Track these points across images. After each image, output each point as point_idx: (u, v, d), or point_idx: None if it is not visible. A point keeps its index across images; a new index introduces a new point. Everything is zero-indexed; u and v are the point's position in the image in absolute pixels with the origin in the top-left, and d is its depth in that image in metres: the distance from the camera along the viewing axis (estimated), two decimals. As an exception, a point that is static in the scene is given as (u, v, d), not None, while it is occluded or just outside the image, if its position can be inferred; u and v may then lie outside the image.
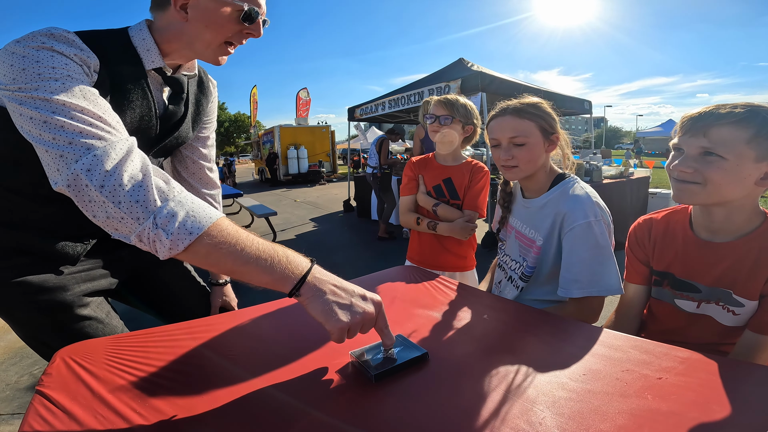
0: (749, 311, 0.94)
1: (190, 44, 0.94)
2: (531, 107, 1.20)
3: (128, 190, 0.67)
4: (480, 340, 0.89)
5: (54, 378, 0.77)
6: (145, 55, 0.93)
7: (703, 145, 0.89)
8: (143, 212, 0.67)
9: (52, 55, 0.74)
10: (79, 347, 0.88)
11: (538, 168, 1.23)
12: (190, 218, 0.68)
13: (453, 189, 1.71)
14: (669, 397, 0.65)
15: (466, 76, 5.06)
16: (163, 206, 0.68)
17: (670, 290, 1.05)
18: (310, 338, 0.91)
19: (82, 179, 0.67)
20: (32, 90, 0.70)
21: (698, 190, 0.92)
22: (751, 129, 0.84)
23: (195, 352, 0.87)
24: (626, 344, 0.82)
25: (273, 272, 0.68)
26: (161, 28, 0.93)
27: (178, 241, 0.66)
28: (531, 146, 1.18)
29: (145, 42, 0.93)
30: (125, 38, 0.92)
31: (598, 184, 4.47)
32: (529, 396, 0.67)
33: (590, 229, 1.10)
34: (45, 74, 0.72)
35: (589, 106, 7.13)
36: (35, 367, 2.58)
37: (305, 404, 0.68)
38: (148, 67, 0.94)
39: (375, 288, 1.23)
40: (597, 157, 6.14)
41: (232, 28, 0.91)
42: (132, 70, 0.92)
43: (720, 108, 0.88)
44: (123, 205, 0.66)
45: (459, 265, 1.77)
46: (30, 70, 0.72)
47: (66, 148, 0.68)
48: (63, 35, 0.78)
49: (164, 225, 0.66)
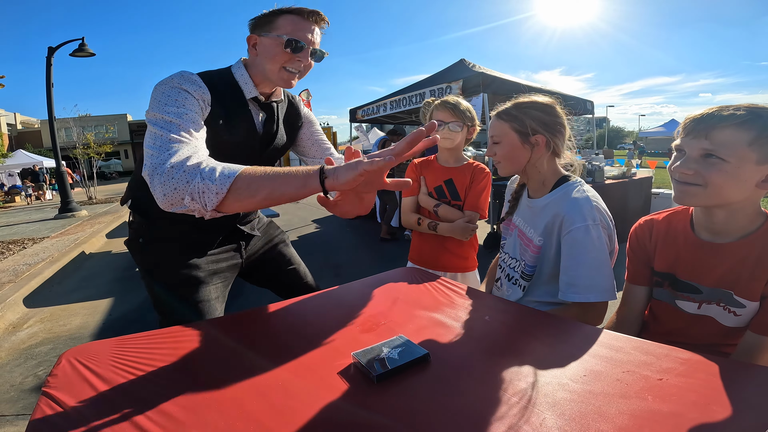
0: (750, 312, 0.94)
1: (263, 73, 1.19)
2: (513, 108, 1.25)
3: (181, 170, 0.87)
4: (481, 341, 0.89)
5: (60, 379, 0.78)
6: (245, 87, 1.21)
7: (704, 146, 0.89)
8: (191, 174, 0.85)
9: (179, 91, 1.04)
10: (84, 349, 0.89)
11: (528, 167, 1.25)
12: (226, 168, 0.85)
13: (454, 190, 1.72)
14: (669, 398, 0.65)
15: (467, 77, 5.07)
16: (205, 167, 0.86)
17: (671, 291, 1.05)
18: (313, 340, 0.92)
19: (153, 169, 0.89)
20: (154, 109, 0.99)
21: (699, 191, 0.92)
22: (753, 132, 0.84)
23: (199, 354, 0.88)
24: (627, 345, 0.82)
25: (298, 175, 0.81)
26: (250, 65, 1.21)
27: (221, 185, 0.83)
28: (504, 145, 1.25)
29: (243, 77, 1.21)
30: (230, 76, 1.21)
31: (600, 185, 4.46)
32: (530, 397, 0.67)
33: (588, 233, 1.10)
34: (169, 103, 1.01)
35: (591, 107, 7.12)
36: (40, 368, 2.59)
37: (308, 405, 0.68)
38: (248, 96, 1.21)
39: (377, 290, 1.23)
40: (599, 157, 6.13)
41: (282, 56, 1.14)
42: (237, 100, 1.20)
43: (723, 110, 0.88)
44: (175, 179, 0.86)
45: (461, 266, 1.78)
46: (162, 100, 1.01)
47: (152, 145, 0.93)
48: (189, 77, 1.08)
49: (209, 176, 0.84)
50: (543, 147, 1.22)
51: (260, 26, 1.17)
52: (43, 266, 4.81)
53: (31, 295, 4.02)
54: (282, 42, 1.12)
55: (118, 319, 3.36)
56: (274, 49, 1.14)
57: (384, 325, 0.98)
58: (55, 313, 3.59)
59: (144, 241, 1.28)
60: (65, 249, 5.68)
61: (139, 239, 1.29)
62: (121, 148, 38.62)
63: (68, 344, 2.92)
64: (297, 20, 1.14)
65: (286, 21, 1.14)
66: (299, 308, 1.13)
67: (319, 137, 1.48)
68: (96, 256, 5.72)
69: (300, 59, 1.16)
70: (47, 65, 9.05)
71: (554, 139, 1.22)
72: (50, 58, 9.04)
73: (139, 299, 3.77)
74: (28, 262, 5.06)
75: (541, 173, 1.25)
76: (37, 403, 0.70)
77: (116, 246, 6.20)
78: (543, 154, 1.23)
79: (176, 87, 1.04)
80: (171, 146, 0.92)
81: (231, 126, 1.18)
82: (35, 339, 3.06)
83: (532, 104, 1.23)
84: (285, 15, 1.14)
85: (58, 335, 3.10)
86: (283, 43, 1.13)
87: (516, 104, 1.25)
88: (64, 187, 9.36)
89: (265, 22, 1.16)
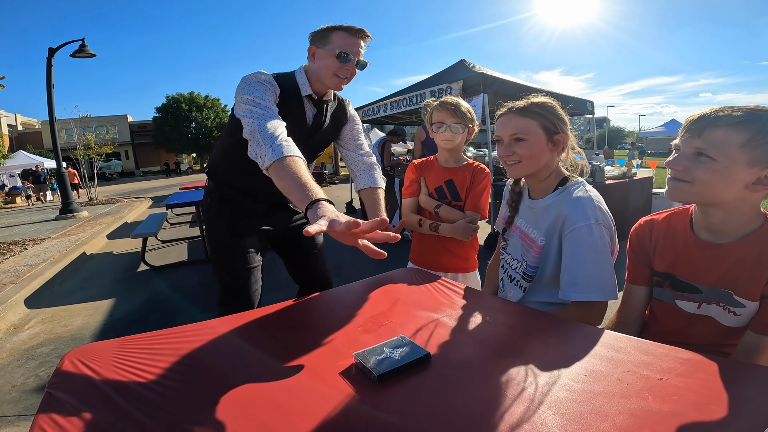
0: (750, 312, 0.94)
1: (319, 77, 1.47)
2: (535, 106, 1.20)
3: (266, 135, 1.21)
4: (482, 341, 0.89)
5: (63, 379, 0.78)
6: (302, 86, 1.50)
7: (696, 145, 0.90)
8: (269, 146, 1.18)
9: (262, 83, 1.36)
10: (86, 349, 0.90)
11: (541, 167, 1.23)
12: (281, 147, 1.17)
13: (455, 190, 1.72)
14: (669, 398, 0.65)
15: (467, 77, 5.06)
16: (277, 138, 1.20)
17: (671, 291, 1.06)
18: (314, 340, 0.92)
19: (252, 131, 1.25)
20: (244, 93, 1.33)
21: (687, 188, 0.93)
22: (747, 133, 0.85)
23: (201, 354, 0.88)
24: (627, 345, 0.82)
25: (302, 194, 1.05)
26: (309, 70, 1.51)
27: (270, 159, 1.16)
28: (531, 143, 1.19)
29: (302, 78, 1.50)
30: (293, 77, 1.51)
31: (600, 185, 4.46)
32: (531, 397, 0.67)
33: (590, 232, 1.11)
34: (254, 89, 1.34)
35: (591, 107, 7.11)
36: (41, 368, 2.59)
37: (310, 405, 0.69)
38: (303, 93, 1.50)
39: (378, 290, 1.23)
40: (600, 157, 6.13)
41: (334, 65, 1.43)
42: (294, 96, 1.49)
43: (721, 110, 0.89)
44: (262, 142, 1.20)
45: (461, 267, 1.78)
46: (248, 87, 1.34)
47: (246, 114, 1.29)
48: (266, 76, 1.40)
49: (275, 149, 1.17)
50: (561, 147, 1.22)
51: (318, 40, 1.45)
52: (44, 267, 4.82)
53: (32, 296, 4.03)
54: (335, 54, 1.41)
55: (119, 320, 3.36)
56: (328, 59, 1.42)
57: (385, 325, 0.98)
58: (57, 313, 3.59)
59: (210, 201, 1.63)
60: (66, 250, 5.69)
61: (207, 200, 1.66)
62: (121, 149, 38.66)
63: (69, 345, 2.92)
64: (346, 36, 1.42)
65: (338, 36, 1.42)
66: (300, 309, 1.14)
67: (357, 135, 1.75)
68: (97, 256, 5.73)
69: (347, 68, 1.45)
70: (48, 66, 9.07)
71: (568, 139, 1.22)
72: (51, 59, 9.05)
73: (140, 300, 3.78)
74: (29, 263, 5.07)
75: (550, 174, 1.25)
76: (41, 403, 0.71)
77: (117, 247, 6.20)
78: (556, 154, 1.23)
79: (259, 80, 1.37)
80: (259, 114, 1.28)
81: (287, 115, 1.40)
82: (36, 340, 3.06)
83: (547, 104, 1.22)
84: (337, 31, 1.42)
85: (59, 336, 3.11)
86: (335, 55, 1.41)
87: (533, 103, 1.22)
88: (65, 188, 9.38)
89: (322, 36, 1.44)
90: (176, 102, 38.36)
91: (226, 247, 1.57)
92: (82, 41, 9.05)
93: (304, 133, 1.54)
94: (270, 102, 1.35)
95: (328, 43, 1.42)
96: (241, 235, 1.57)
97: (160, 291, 4.00)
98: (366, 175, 1.72)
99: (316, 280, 1.80)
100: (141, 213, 10.32)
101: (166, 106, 38.46)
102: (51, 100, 9.16)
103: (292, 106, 1.48)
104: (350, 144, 1.75)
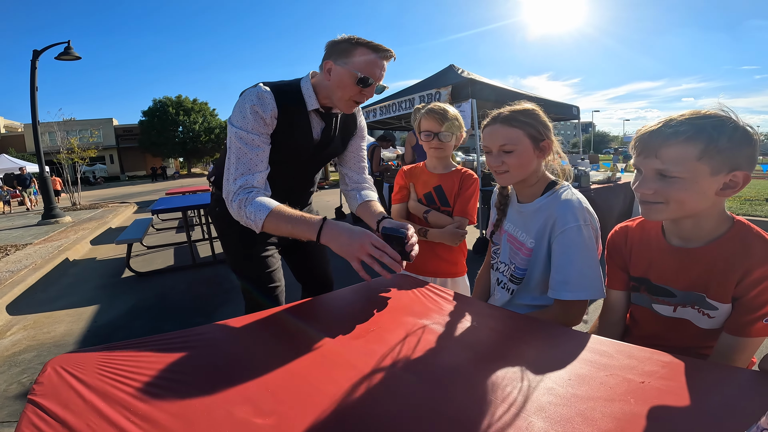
0: (723, 314, 0.96)
1: (330, 96, 1.35)
2: (521, 114, 1.22)
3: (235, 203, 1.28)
4: (468, 346, 0.90)
5: (46, 387, 0.77)
6: (308, 100, 1.37)
7: (656, 166, 0.91)
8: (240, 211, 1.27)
9: (255, 113, 1.28)
10: (69, 357, 0.88)
11: (530, 173, 1.25)
12: (258, 211, 1.24)
13: (443, 196, 1.74)
14: (651, 401, 0.67)
15: (456, 83, 5.10)
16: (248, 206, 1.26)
17: (648, 295, 1.08)
18: (302, 347, 0.92)
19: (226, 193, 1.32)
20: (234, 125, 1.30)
21: (663, 208, 0.94)
22: (700, 145, 0.86)
23: (187, 361, 0.88)
24: (611, 349, 0.84)
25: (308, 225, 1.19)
26: (317, 83, 1.37)
27: (257, 224, 1.24)
28: (520, 153, 1.21)
29: (308, 91, 1.37)
30: (297, 88, 1.38)
31: (585, 189, 4.53)
32: (516, 401, 0.68)
33: (580, 232, 1.13)
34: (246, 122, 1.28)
35: (577, 112, 7.21)
36: (24, 375, 2.55)
37: (298, 412, 0.69)
38: (309, 108, 1.38)
39: (366, 296, 1.24)
40: (585, 162, 6.22)
41: (353, 89, 1.29)
42: (299, 111, 1.38)
43: (666, 126, 0.90)
44: (234, 210, 1.29)
45: (450, 272, 1.80)
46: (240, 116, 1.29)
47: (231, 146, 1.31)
48: (263, 98, 1.28)
49: (250, 216, 1.25)
50: (546, 153, 1.24)
51: (336, 53, 1.28)
52: (26, 273, 4.72)
53: (14, 303, 3.94)
54: (356, 77, 1.27)
55: (103, 326, 3.31)
56: (346, 80, 1.28)
57: (373, 331, 0.99)
58: (39, 320, 3.52)
59: (219, 210, 1.53)
60: (49, 256, 5.58)
61: (216, 208, 1.57)
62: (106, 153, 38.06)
63: (52, 351, 2.87)
64: (371, 55, 1.27)
65: (361, 54, 1.26)
66: (289, 315, 1.14)
67: (360, 153, 1.67)
68: (80, 263, 5.63)
69: (366, 94, 1.32)
70: (32, 68, 8.93)
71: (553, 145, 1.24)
72: (35, 61, 8.91)
73: (125, 306, 3.72)
74: (11, 269, 4.96)
75: (538, 178, 1.27)
76: (23, 411, 0.70)
77: (101, 252, 6.11)
78: (541, 160, 1.26)
79: (253, 110, 1.28)
80: (240, 160, 1.29)
81: (292, 131, 1.38)
82: (19, 346, 3.00)
83: (531, 111, 1.23)
84: (361, 48, 1.26)
85: (42, 342, 3.04)
86: (356, 79, 1.27)
87: (517, 111, 1.23)
88: (47, 193, 9.20)
89: (342, 50, 1.27)
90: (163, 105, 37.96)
91: (246, 257, 1.51)
92: (68, 44, 8.92)
93: (310, 148, 1.46)
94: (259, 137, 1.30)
95: (348, 62, 1.27)
96: (255, 241, 1.50)
97: (145, 297, 3.94)
98: (362, 193, 1.67)
99: (319, 280, 1.78)
100: (126, 218, 10.17)
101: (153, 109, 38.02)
102: (34, 102, 9.01)
103: (297, 120, 1.38)
104: (353, 164, 1.66)
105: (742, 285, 0.91)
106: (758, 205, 7.09)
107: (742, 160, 0.87)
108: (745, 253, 0.91)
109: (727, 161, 0.86)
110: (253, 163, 1.30)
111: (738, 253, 0.92)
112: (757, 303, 0.89)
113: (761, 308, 0.89)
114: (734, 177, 0.88)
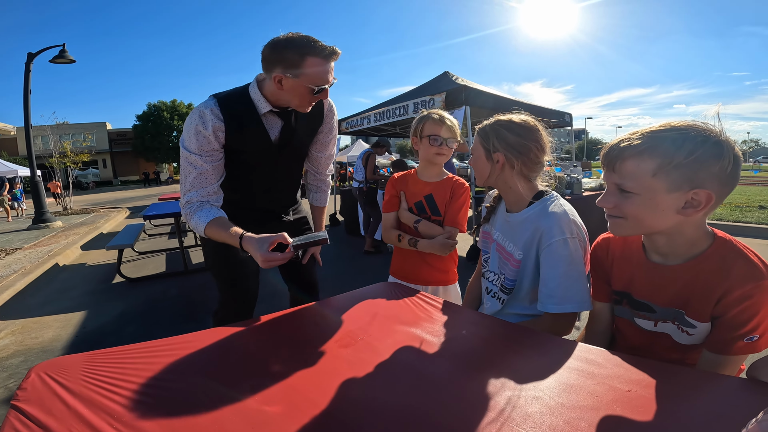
0: (703, 332, 0.94)
1: (286, 102, 1.41)
2: (488, 125, 1.30)
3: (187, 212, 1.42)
4: (457, 355, 0.90)
5: (29, 393, 0.76)
6: (258, 104, 1.42)
7: (615, 181, 0.91)
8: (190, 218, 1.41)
9: (197, 133, 1.36)
10: (54, 363, 0.88)
11: (495, 181, 1.30)
12: (201, 219, 1.38)
13: (434, 205, 1.74)
14: (637, 409, 0.67)
15: (450, 90, 5.13)
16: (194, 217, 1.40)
17: (630, 309, 1.07)
18: (291, 356, 0.92)
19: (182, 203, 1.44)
20: (182, 145, 1.40)
21: (623, 223, 0.94)
22: (654, 161, 0.83)
23: (172, 368, 0.87)
24: (599, 357, 0.84)
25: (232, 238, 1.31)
26: (267, 89, 1.40)
27: (200, 231, 1.39)
28: (475, 158, 1.34)
29: (257, 95, 1.41)
30: (247, 96, 1.42)
31: (578, 197, 4.55)
32: (504, 410, 0.68)
33: (566, 245, 1.14)
34: (191, 142, 1.37)
35: (569, 119, 7.27)
36: (11, 380, 2.52)
37: (285, 421, 0.68)
38: (261, 112, 1.43)
39: (356, 305, 1.24)
40: (578, 169, 6.26)
41: (309, 97, 1.36)
42: (251, 115, 1.42)
43: (625, 140, 0.89)
44: (186, 216, 1.43)
45: (441, 280, 1.79)
46: (186, 137, 1.38)
47: (181, 172, 1.43)
48: (207, 117, 1.36)
49: (195, 225, 1.40)
50: (502, 165, 1.26)
51: (284, 64, 1.29)
52: (16, 278, 4.66)
53: (2, 307, 3.90)
54: (311, 90, 1.32)
55: (92, 332, 3.27)
56: (301, 91, 1.33)
57: (362, 340, 0.98)
58: (27, 325, 3.47)
59: None
60: (38, 261, 5.52)
61: None
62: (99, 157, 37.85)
63: (40, 357, 2.83)
64: (320, 63, 1.29)
65: (312, 66, 1.29)
66: (277, 324, 1.13)
67: (326, 151, 1.74)
68: (70, 268, 5.57)
69: (321, 97, 1.39)
70: (26, 72, 8.88)
71: (519, 158, 1.24)
72: (29, 64, 8.88)
73: (115, 312, 3.68)
74: (0, 273, 4.90)
75: (513, 189, 1.28)
76: (6, 417, 0.69)
77: (91, 258, 6.05)
78: (506, 171, 1.27)
79: (196, 130, 1.35)
80: (186, 179, 1.40)
81: (246, 139, 1.43)
82: (6, 351, 2.96)
83: (507, 123, 1.25)
84: (311, 59, 1.28)
85: (29, 348, 3.01)
86: (312, 91, 1.32)
87: (494, 122, 1.28)
88: (38, 197, 9.12)
89: (290, 62, 1.28)
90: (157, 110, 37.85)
91: (224, 257, 1.57)
92: (63, 47, 8.89)
93: (272, 150, 1.50)
94: (208, 154, 1.39)
95: (299, 74, 1.29)
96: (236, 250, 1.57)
97: (136, 303, 3.91)
98: (322, 195, 1.89)
99: (305, 279, 1.82)
100: (118, 224, 10.09)
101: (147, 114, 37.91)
102: (27, 106, 8.95)
103: (249, 125, 1.42)
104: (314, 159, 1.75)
105: (721, 304, 0.88)
106: (749, 212, 7.06)
107: (705, 178, 0.82)
108: (725, 272, 0.87)
109: (686, 178, 0.82)
110: (198, 182, 1.40)
111: (717, 272, 0.88)
112: (737, 322, 0.86)
113: (741, 327, 0.86)
114: (695, 195, 0.83)
